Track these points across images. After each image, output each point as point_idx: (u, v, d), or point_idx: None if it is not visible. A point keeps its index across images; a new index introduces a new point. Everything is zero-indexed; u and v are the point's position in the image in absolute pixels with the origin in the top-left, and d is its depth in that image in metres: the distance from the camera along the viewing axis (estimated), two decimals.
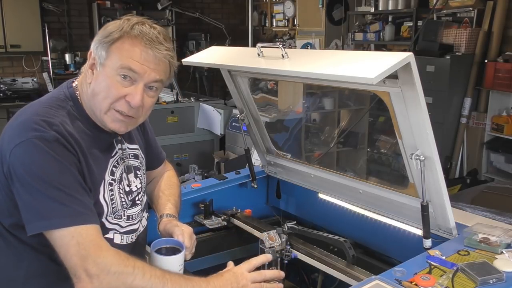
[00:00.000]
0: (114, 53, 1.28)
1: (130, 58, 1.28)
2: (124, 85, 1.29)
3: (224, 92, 6.74)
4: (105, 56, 1.29)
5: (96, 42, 1.31)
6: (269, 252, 1.79)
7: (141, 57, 1.28)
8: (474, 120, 4.77)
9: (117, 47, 1.28)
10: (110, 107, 1.31)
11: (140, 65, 1.28)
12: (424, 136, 1.43)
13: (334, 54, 1.71)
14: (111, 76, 1.29)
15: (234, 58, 1.93)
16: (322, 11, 6.08)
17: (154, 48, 1.29)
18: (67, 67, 6.88)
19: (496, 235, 1.48)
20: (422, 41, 4.86)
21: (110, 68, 1.29)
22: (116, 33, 1.28)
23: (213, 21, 6.51)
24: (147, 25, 1.31)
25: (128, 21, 1.31)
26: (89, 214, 1.23)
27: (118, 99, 1.30)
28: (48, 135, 1.21)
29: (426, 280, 1.27)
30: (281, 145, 4.05)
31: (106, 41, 1.29)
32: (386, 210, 1.75)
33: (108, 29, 1.31)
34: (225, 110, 5.25)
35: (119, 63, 1.28)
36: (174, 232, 1.47)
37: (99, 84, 1.30)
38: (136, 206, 1.49)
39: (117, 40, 1.28)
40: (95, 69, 1.32)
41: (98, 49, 1.30)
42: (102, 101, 1.31)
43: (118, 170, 1.43)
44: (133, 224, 1.47)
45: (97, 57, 1.30)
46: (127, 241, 1.44)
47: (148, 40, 1.28)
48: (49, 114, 1.27)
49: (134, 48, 1.28)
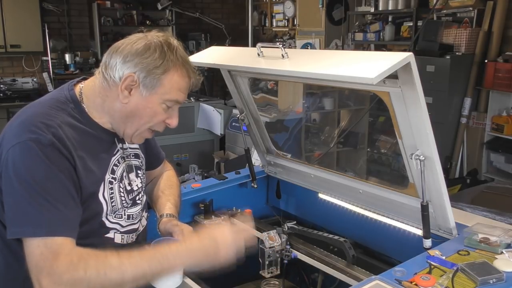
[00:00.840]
0: (166, 85, 1.32)
1: (178, 90, 1.35)
2: (166, 111, 1.37)
3: (224, 92, 6.75)
4: (156, 85, 1.32)
5: (142, 70, 1.30)
6: (269, 252, 1.80)
7: (187, 88, 1.38)
8: (474, 120, 4.77)
9: (169, 79, 1.32)
10: (148, 128, 1.39)
11: (184, 95, 1.38)
12: (424, 136, 1.43)
13: (334, 54, 1.71)
14: (158, 104, 1.34)
15: (234, 58, 1.93)
16: (322, 11, 6.08)
17: (195, 76, 1.39)
18: (67, 67, 6.88)
19: (496, 235, 1.48)
20: (422, 41, 4.86)
21: (159, 97, 1.33)
22: (165, 65, 1.31)
23: (213, 21, 6.51)
24: (176, 44, 1.36)
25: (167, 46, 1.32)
26: (64, 225, 1.20)
27: (159, 123, 1.39)
28: (44, 138, 1.21)
29: (426, 280, 1.27)
30: (281, 145, 4.05)
31: (157, 73, 1.30)
32: (386, 210, 1.75)
33: (153, 58, 1.30)
34: (225, 110, 5.26)
35: (169, 96, 1.34)
36: (174, 232, 1.47)
37: (144, 109, 1.34)
38: (137, 205, 1.49)
39: (168, 72, 1.32)
40: (135, 91, 1.32)
41: (147, 78, 1.30)
42: (144, 124, 1.37)
43: (119, 169, 1.43)
44: (133, 224, 1.47)
45: (141, 84, 1.31)
46: (127, 241, 1.44)
47: (191, 70, 1.37)
48: (49, 116, 1.27)
49: (182, 80, 1.35)
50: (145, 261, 1.23)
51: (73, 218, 1.24)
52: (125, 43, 1.33)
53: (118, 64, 1.31)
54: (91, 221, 1.34)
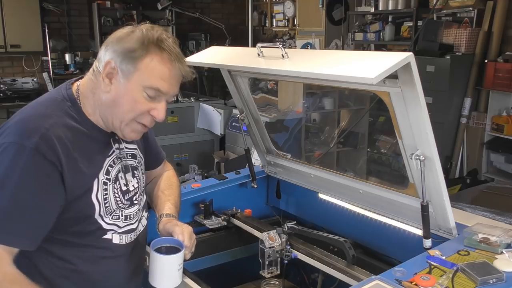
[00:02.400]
0: (142, 70, 1.28)
1: (159, 78, 1.29)
2: (149, 100, 1.32)
3: (224, 92, 6.74)
4: (132, 71, 1.28)
5: (119, 54, 1.28)
6: (269, 252, 1.80)
7: (170, 76, 1.31)
8: (474, 120, 4.77)
9: (146, 65, 1.28)
10: (133, 119, 1.34)
11: (167, 85, 1.31)
12: (424, 136, 1.43)
13: (334, 54, 1.71)
14: (138, 91, 1.30)
15: (234, 58, 1.93)
16: (322, 11, 6.08)
17: (180, 66, 1.32)
18: (67, 67, 6.88)
19: (496, 235, 1.48)
20: (422, 41, 4.86)
21: (137, 84, 1.29)
22: (142, 48, 1.27)
23: (213, 21, 6.50)
24: (165, 36, 1.32)
25: (148, 33, 1.30)
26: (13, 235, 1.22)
27: (142, 113, 1.33)
28: (29, 142, 1.21)
29: (426, 280, 1.27)
30: (281, 145, 4.04)
31: (133, 56, 1.27)
32: (386, 210, 1.75)
33: (131, 43, 1.28)
34: (225, 110, 5.26)
35: (148, 83, 1.29)
36: (174, 232, 1.46)
37: (123, 97, 1.30)
38: (134, 205, 1.48)
39: (145, 56, 1.27)
40: (115, 80, 1.30)
41: (122, 62, 1.28)
42: (126, 114, 1.32)
43: (114, 169, 1.42)
44: (131, 224, 1.46)
45: (119, 70, 1.29)
46: (126, 241, 1.44)
47: (176, 58, 1.30)
48: (43, 116, 1.28)
49: (163, 67, 1.29)
50: None
51: (30, 227, 1.24)
52: (113, 33, 1.34)
53: (102, 53, 1.32)
54: (83, 222, 1.34)
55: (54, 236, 1.31)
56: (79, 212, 1.32)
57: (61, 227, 1.31)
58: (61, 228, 1.31)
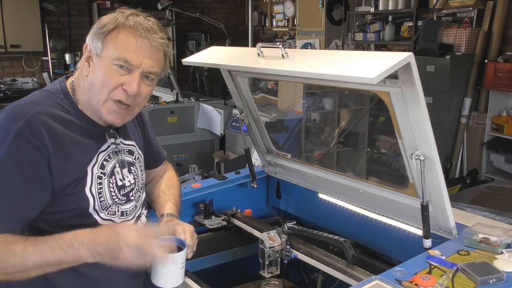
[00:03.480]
0: (109, 43, 1.30)
1: (125, 49, 1.29)
2: (121, 74, 1.31)
3: (224, 92, 6.74)
4: (101, 47, 1.31)
5: (92, 34, 1.34)
6: (269, 252, 1.80)
7: (136, 46, 1.30)
8: (474, 120, 4.77)
9: (113, 37, 1.30)
10: (108, 97, 1.32)
11: (135, 56, 1.30)
12: (424, 136, 1.43)
13: (334, 54, 1.71)
14: (108, 66, 1.30)
15: (234, 58, 1.93)
16: (322, 11, 6.08)
17: (149, 37, 1.31)
18: (67, 67, 6.88)
19: (496, 235, 1.48)
20: (422, 41, 4.86)
21: (106, 58, 1.30)
22: (111, 24, 1.31)
23: (213, 21, 6.50)
24: (141, 16, 1.34)
25: (122, 13, 1.34)
26: None
27: (115, 87, 1.31)
28: (13, 127, 1.23)
29: (426, 280, 1.27)
30: (281, 145, 4.04)
31: (101, 32, 1.31)
32: (386, 210, 1.75)
33: (103, 21, 1.33)
34: (225, 110, 5.25)
35: (115, 54, 1.29)
36: (176, 230, 1.46)
37: (96, 75, 1.32)
38: (131, 202, 1.48)
39: (112, 30, 1.30)
40: (91, 61, 1.33)
41: (93, 40, 1.32)
42: (100, 91, 1.32)
43: (110, 164, 1.42)
44: (127, 220, 1.46)
45: (93, 49, 1.32)
46: None
47: (143, 29, 1.30)
48: (31, 103, 1.30)
49: (129, 37, 1.30)
50: (49, 248, 1.22)
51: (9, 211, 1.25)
52: None
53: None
54: (77, 216, 1.34)
55: (50, 230, 1.31)
56: (72, 204, 1.33)
57: (56, 221, 1.31)
58: (56, 223, 1.31)
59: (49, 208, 1.30)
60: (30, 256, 1.21)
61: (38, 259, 1.21)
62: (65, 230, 1.31)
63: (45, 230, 1.31)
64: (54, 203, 1.30)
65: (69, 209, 1.32)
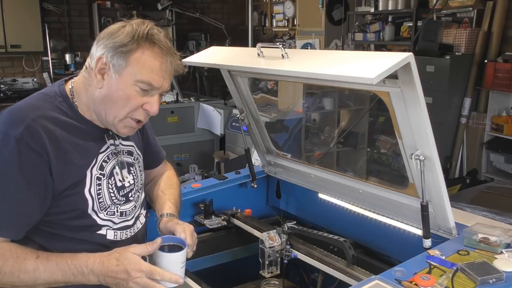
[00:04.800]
0: (133, 64, 1.29)
1: (150, 71, 1.29)
2: (141, 95, 1.32)
3: (224, 92, 6.74)
4: (124, 66, 1.29)
5: (110, 49, 1.29)
6: (269, 252, 1.80)
7: (160, 70, 1.31)
8: (474, 120, 4.77)
9: (137, 58, 1.28)
10: (127, 116, 1.34)
11: (158, 78, 1.31)
12: (424, 136, 1.43)
13: (334, 54, 1.71)
14: (130, 86, 1.30)
15: (234, 58, 1.93)
16: (322, 11, 6.08)
17: (171, 59, 1.32)
18: (67, 67, 6.88)
19: (496, 235, 1.49)
20: (422, 41, 4.86)
21: (129, 78, 1.29)
22: (133, 42, 1.28)
23: (213, 21, 6.51)
24: (156, 30, 1.33)
25: (138, 27, 1.30)
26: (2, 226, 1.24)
27: (136, 108, 1.33)
28: (13, 132, 1.23)
29: (426, 280, 1.27)
30: (281, 145, 4.04)
31: (124, 51, 1.28)
32: (386, 210, 1.75)
33: (121, 37, 1.29)
34: (225, 110, 5.26)
35: (139, 76, 1.29)
36: (176, 230, 1.46)
37: (116, 92, 1.31)
38: (130, 202, 1.48)
39: (136, 50, 1.28)
40: (107, 75, 1.31)
41: (114, 57, 1.29)
42: (120, 109, 1.33)
43: (109, 165, 1.42)
44: (127, 221, 1.47)
45: (111, 65, 1.29)
46: (121, 237, 1.44)
47: (165, 50, 1.31)
48: (30, 107, 1.30)
49: (154, 60, 1.29)
50: (59, 270, 1.25)
51: (14, 217, 1.26)
52: (105, 29, 1.35)
53: (94, 49, 1.33)
54: (76, 217, 1.34)
55: (49, 231, 1.32)
56: (71, 205, 1.33)
57: (56, 221, 1.32)
58: (55, 223, 1.32)
59: (48, 209, 1.30)
60: (40, 274, 1.24)
61: (47, 278, 1.25)
62: (64, 230, 1.33)
63: (44, 230, 1.32)
64: (53, 204, 1.30)
65: (68, 210, 1.33)
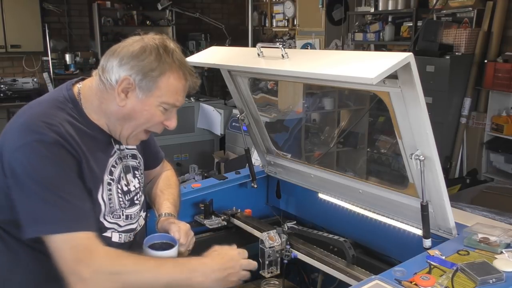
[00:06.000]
0: (161, 88, 1.32)
1: (175, 93, 1.35)
2: (163, 113, 1.37)
3: (224, 92, 6.74)
4: (153, 89, 1.32)
5: (138, 72, 1.30)
6: (269, 252, 1.80)
7: (183, 90, 1.37)
8: (474, 120, 4.77)
9: (165, 82, 1.32)
10: (145, 129, 1.39)
11: (181, 98, 1.38)
12: (424, 136, 1.43)
13: (334, 54, 1.71)
14: (155, 107, 1.34)
15: (234, 58, 1.93)
16: (322, 11, 6.08)
17: (192, 79, 1.38)
18: (67, 67, 6.88)
19: (496, 235, 1.49)
20: (422, 41, 4.85)
21: (155, 100, 1.33)
22: (161, 67, 1.31)
23: (213, 21, 6.51)
24: (174, 46, 1.36)
25: (163, 49, 1.32)
26: (83, 219, 1.23)
27: (156, 124, 1.39)
28: (48, 137, 1.22)
29: (426, 280, 1.27)
30: (281, 145, 4.05)
31: (154, 76, 1.30)
32: (386, 210, 1.75)
33: (149, 62, 1.30)
34: (225, 110, 5.26)
35: (165, 99, 1.34)
36: (170, 229, 1.48)
37: (140, 112, 1.34)
38: (135, 205, 1.49)
39: (163, 75, 1.31)
40: (131, 94, 1.32)
41: (143, 81, 1.30)
42: (141, 125, 1.37)
43: (117, 170, 1.44)
44: (131, 224, 1.47)
45: (137, 87, 1.31)
46: (125, 240, 1.45)
47: (187, 70, 1.36)
48: (49, 115, 1.28)
49: (179, 83, 1.34)
50: (178, 271, 1.27)
51: (89, 211, 1.28)
52: (121, 46, 1.34)
53: (115, 67, 1.32)
54: None
55: None
56: None
57: None
58: None
59: None
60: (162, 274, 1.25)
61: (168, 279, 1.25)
62: None
63: None
64: None
65: None
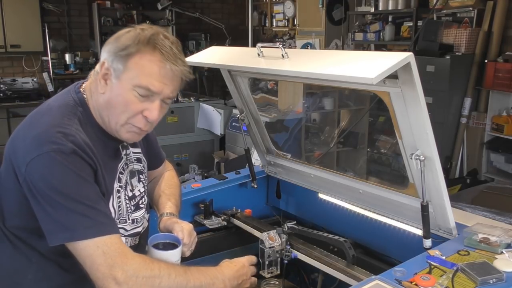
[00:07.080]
0: (132, 69, 1.25)
1: (148, 76, 1.25)
2: (141, 100, 1.28)
3: (224, 92, 6.74)
4: (122, 70, 1.26)
5: (111, 53, 1.28)
6: (269, 252, 1.80)
7: (159, 74, 1.26)
8: (474, 120, 4.77)
9: (135, 62, 1.25)
10: (127, 122, 1.31)
11: (157, 83, 1.27)
12: (424, 136, 1.43)
13: (334, 54, 1.71)
14: (128, 91, 1.27)
15: (234, 58, 1.93)
16: (322, 11, 6.08)
17: (172, 64, 1.27)
18: (67, 67, 6.87)
19: (496, 235, 1.48)
20: (422, 41, 4.85)
21: (127, 83, 1.26)
22: (133, 46, 1.25)
23: (213, 21, 6.51)
24: (162, 36, 1.28)
25: (143, 32, 1.27)
26: (110, 224, 1.24)
27: (135, 114, 1.30)
28: (65, 147, 1.20)
29: (426, 280, 1.27)
30: (281, 145, 4.05)
31: (123, 55, 1.25)
32: (386, 210, 1.75)
33: (123, 41, 1.27)
34: (225, 110, 5.26)
35: (137, 81, 1.25)
36: (174, 229, 1.47)
37: (116, 98, 1.28)
38: (140, 209, 1.49)
39: (135, 54, 1.25)
40: (109, 80, 1.29)
41: (114, 62, 1.26)
42: (120, 115, 1.30)
43: (124, 176, 1.43)
44: (137, 227, 1.48)
45: (112, 70, 1.27)
46: (131, 244, 1.45)
47: (167, 54, 1.26)
48: (64, 124, 1.25)
49: (152, 65, 1.25)
50: (203, 276, 1.29)
51: (111, 215, 1.29)
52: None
53: (101, 54, 1.32)
54: None
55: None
56: None
57: None
58: None
59: None
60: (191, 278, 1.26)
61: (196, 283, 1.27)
62: None
63: None
64: None
65: None
